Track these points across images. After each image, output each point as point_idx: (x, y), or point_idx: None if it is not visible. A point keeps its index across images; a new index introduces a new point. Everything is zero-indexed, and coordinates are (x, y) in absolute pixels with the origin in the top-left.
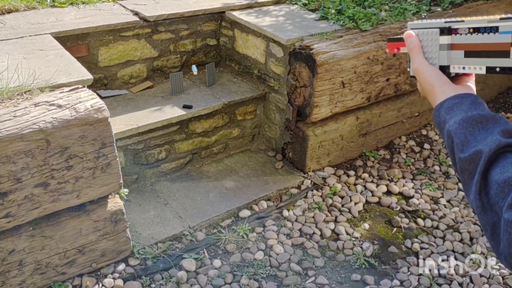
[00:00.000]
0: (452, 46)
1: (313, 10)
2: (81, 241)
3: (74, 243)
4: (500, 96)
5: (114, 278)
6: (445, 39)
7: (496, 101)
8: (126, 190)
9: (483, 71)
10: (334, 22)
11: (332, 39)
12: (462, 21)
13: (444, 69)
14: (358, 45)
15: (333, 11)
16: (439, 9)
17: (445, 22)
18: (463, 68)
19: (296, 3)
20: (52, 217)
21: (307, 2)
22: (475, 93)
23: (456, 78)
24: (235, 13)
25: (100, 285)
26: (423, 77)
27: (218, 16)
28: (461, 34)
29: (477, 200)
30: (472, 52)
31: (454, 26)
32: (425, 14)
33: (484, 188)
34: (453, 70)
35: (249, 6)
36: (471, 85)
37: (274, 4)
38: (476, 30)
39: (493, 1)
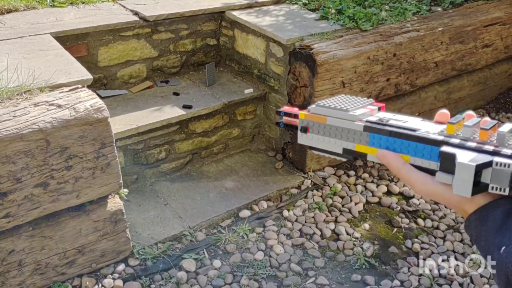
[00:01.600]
0: None
1: (313, 10)
2: (80, 241)
3: (73, 243)
4: (500, 97)
5: (113, 279)
6: None
7: (497, 101)
8: (126, 190)
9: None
10: (334, 22)
11: (332, 39)
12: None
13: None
14: (358, 45)
15: (333, 11)
16: (439, 9)
17: None
18: None
19: (296, 3)
20: (52, 217)
21: (307, 1)
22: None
23: None
24: (235, 13)
25: (100, 285)
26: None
27: (218, 16)
28: None
29: None
30: None
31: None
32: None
33: None
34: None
35: (249, 6)
36: None
37: (274, 3)
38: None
39: (494, 1)
